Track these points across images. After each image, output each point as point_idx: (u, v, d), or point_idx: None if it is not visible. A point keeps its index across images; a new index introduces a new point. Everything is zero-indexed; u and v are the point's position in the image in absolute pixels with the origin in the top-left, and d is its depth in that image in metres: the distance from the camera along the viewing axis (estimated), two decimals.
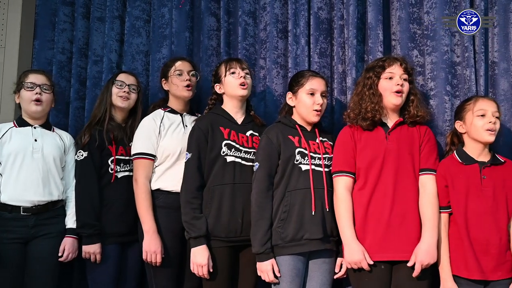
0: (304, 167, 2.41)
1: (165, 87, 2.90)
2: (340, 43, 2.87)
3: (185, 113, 2.85)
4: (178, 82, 2.80)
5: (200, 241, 2.41)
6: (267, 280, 2.36)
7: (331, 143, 2.52)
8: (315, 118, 2.47)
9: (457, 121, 2.41)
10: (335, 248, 2.42)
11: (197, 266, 2.40)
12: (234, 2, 3.18)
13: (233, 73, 2.58)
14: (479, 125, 2.30)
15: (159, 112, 2.82)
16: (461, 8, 2.68)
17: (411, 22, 2.78)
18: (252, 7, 3.13)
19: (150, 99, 3.21)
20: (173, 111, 2.83)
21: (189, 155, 2.51)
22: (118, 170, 2.82)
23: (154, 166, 2.72)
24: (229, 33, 3.17)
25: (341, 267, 2.44)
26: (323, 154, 2.46)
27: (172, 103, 2.87)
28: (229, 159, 2.50)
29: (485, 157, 2.34)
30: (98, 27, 3.43)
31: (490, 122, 2.29)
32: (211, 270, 2.41)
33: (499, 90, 2.64)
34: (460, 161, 2.34)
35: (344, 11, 2.87)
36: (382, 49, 2.75)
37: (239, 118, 2.63)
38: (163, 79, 2.90)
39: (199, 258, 2.39)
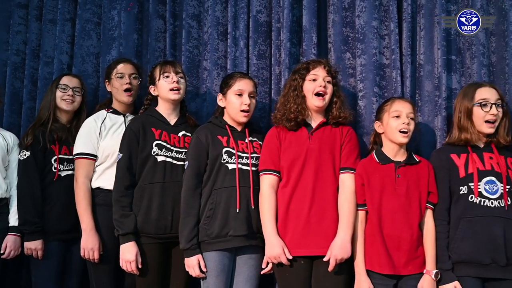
0: (230, 166, 2.49)
1: (108, 88, 2.99)
2: (277, 46, 2.96)
3: (128, 114, 2.93)
4: (118, 86, 2.89)
5: (128, 238, 2.50)
6: (193, 275, 2.45)
7: (261, 143, 2.59)
8: (242, 119, 2.56)
9: (376, 122, 2.50)
10: (262, 244, 2.49)
11: (125, 263, 2.49)
12: (180, 5, 3.26)
13: (167, 76, 2.67)
14: (393, 126, 2.39)
15: (102, 113, 2.91)
16: (389, 12, 2.77)
17: (344, 26, 2.87)
18: (197, 10, 3.21)
19: (101, 100, 3.28)
20: (116, 112, 2.91)
21: (120, 155, 2.60)
22: (62, 169, 2.90)
23: (95, 166, 2.80)
24: (174, 36, 3.25)
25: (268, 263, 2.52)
26: (251, 153, 2.55)
27: (115, 104, 2.95)
28: (159, 158, 2.59)
29: (401, 156, 2.43)
30: (50, 29, 3.51)
31: (403, 123, 2.37)
32: (139, 266, 2.50)
33: (424, 91, 2.73)
34: (378, 160, 2.43)
35: (281, 14, 2.95)
36: (315, 52, 2.84)
37: (172, 119, 2.71)
38: (107, 80, 2.98)
39: (127, 255, 2.48)
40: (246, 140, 2.58)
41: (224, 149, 2.51)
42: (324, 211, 2.38)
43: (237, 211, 2.43)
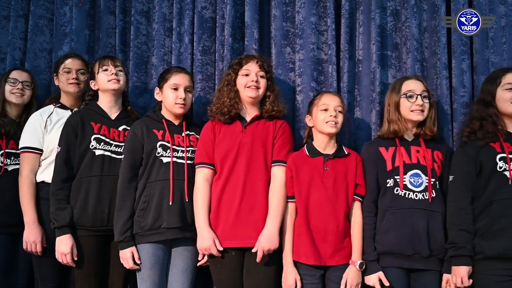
0: (165, 160, 2.54)
1: (56, 82, 3.03)
2: (221, 41, 3.00)
3: (76, 109, 2.96)
4: (65, 80, 2.92)
5: (64, 231, 2.54)
6: (127, 267, 2.50)
7: (198, 136, 2.63)
8: (179, 110, 2.59)
9: (307, 116, 2.54)
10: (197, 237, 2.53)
11: (61, 255, 2.54)
12: (130, 1, 3.29)
13: (105, 70, 2.70)
14: (321, 118, 2.43)
15: (49, 107, 2.94)
16: (326, 8, 2.81)
17: (285, 21, 2.90)
18: (145, 6, 3.24)
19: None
20: (63, 107, 2.94)
21: (58, 149, 2.64)
22: (8, 163, 2.92)
23: (41, 160, 2.83)
24: (124, 32, 3.28)
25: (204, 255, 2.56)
26: (187, 147, 2.59)
27: (63, 98, 2.99)
28: (98, 152, 2.63)
29: (331, 149, 2.47)
30: (4, 26, 3.52)
31: (331, 115, 2.42)
32: (75, 259, 2.54)
33: (362, 86, 2.78)
34: (308, 153, 2.47)
35: (225, 10, 2.99)
36: (257, 47, 2.87)
37: (113, 113, 2.75)
38: (55, 74, 3.02)
39: (62, 247, 2.52)
40: (183, 134, 2.62)
41: (159, 143, 2.55)
42: (254, 203, 2.42)
43: (170, 203, 2.47)
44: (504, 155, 2.26)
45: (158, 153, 2.54)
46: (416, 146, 2.43)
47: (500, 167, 2.25)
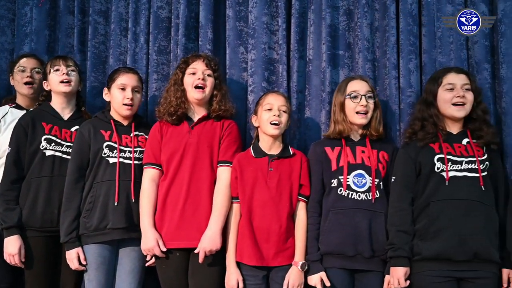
0: (111, 160, 2.53)
1: (12, 82, 3.02)
2: (176, 41, 2.98)
3: (32, 109, 2.95)
4: (19, 79, 2.92)
5: (12, 232, 2.53)
6: (73, 268, 2.49)
7: (147, 137, 2.62)
8: (126, 112, 2.59)
9: (253, 116, 2.53)
10: None
11: (9, 256, 2.53)
12: (88, 1, 3.28)
13: (56, 70, 2.70)
14: (265, 118, 2.42)
15: (4, 107, 2.94)
16: (277, 7, 2.80)
17: (238, 20, 2.90)
18: (104, 6, 3.23)
19: None
20: (19, 107, 2.94)
21: (8, 150, 2.64)
22: None
23: None
24: (83, 31, 3.27)
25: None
26: (135, 147, 2.58)
27: (19, 99, 2.99)
28: (48, 153, 2.62)
29: (276, 150, 2.46)
30: None
31: (274, 115, 2.41)
32: (23, 260, 2.53)
33: (312, 86, 2.76)
34: (253, 154, 2.46)
35: (179, 10, 2.98)
36: (211, 47, 2.87)
37: (66, 114, 2.74)
38: (11, 74, 3.01)
39: (10, 248, 2.52)
40: (131, 134, 2.62)
41: (106, 143, 2.55)
42: (199, 204, 2.41)
43: (116, 204, 2.46)
44: (442, 155, 2.25)
45: (105, 153, 2.53)
46: (362, 146, 2.42)
47: (438, 168, 2.25)
